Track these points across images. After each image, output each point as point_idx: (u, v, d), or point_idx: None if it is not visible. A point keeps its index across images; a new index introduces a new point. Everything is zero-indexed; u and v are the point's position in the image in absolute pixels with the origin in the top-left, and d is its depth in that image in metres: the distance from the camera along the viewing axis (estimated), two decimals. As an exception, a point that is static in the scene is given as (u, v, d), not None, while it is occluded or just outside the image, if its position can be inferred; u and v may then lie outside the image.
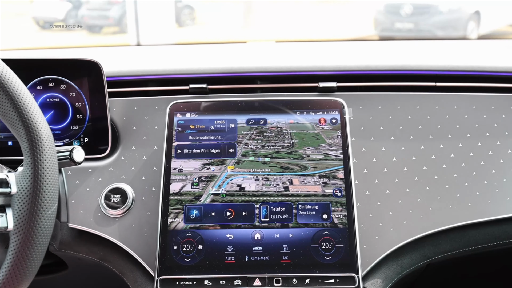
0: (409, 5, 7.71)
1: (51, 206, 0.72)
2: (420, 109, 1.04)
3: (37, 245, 0.71)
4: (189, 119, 1.00)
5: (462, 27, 7.50)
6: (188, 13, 10.04)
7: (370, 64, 1.09)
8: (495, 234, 1.00)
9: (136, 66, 1.11)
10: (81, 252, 0.99)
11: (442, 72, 1.08)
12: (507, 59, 1.13)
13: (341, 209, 0.92)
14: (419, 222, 0.96)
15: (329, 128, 0.98)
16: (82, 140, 1.02)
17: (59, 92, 1.01)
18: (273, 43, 1.68)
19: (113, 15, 9.08)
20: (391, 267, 0.95)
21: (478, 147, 1.02)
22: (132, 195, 0.98)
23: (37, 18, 9.87)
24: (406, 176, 0.99)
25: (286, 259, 0.89)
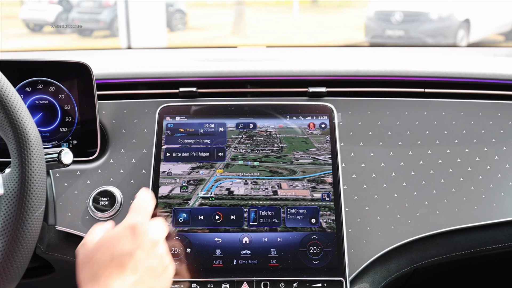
0: (399, 13, 7.76)
1: (38, 208, 0.72)
2: (409, 115, 1.05)
3: (24, 247, 0.71)
4: (178, 122, 1.00)
5: (452, 35, 7.56)
6: (179, 17, 10.04)
7: (360, 70, 1.09)
8: (481, 240, 1.00)
9: (126, 69, 1.11)
10: (69, 255, 0.99)
11: (430, 78, 1.09)
12: (495, 66, 1.14)
13: (330, 214, 0.92)
14: (406, 227, 0.96)
15: (318, 133, 0.99)
16: (70, 142, 1.01)
17: (48, 94, 1.00)
18: (264, 48, 1.69)
19: (104, 18, 9.06)
20: (379, 271, 0.95)
21: (466, 153, 1.03)
22: (121, 198, 0.98)
23: (27, 20, 9.83)
24: (394, 181, 1.00)
25: (274, 263, 0.89)
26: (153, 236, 0.73)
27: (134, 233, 0.71)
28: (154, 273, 0.71)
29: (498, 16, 8.08)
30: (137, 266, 0.69)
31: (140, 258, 0.70)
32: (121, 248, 0.69)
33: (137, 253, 0.69)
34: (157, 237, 0.73)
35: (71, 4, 9.64)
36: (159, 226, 0.75)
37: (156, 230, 0.74)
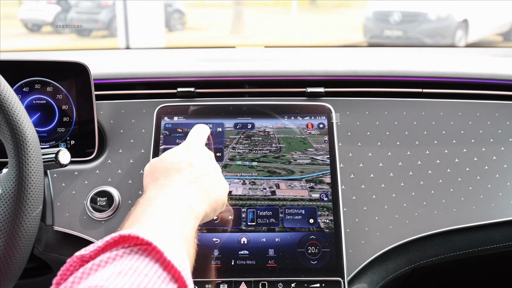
0: (398, 13, 7.77)
1: (35, 208, 0.71)
2: (407, 115, 1.05)
3: (21, 247, 0.70)
4: (176, 122, 1.00)
5: (450, 35, 7.57)
6: (178, 17, 10.04)
7: (358, 70, 1.09)
8: (479, 240, 1.00)
9: (124, 69, 1.11)
10: (66, 255, 0.98)
11: (429, 78, 1.09)
12: (493, 66, 1.14)
13: (328, 214, 0.92)
14: (404, 227, 0.96)
15: (316, 133, 0.99)
16: (68, 142, 1.01)
17: (45, 94, 1.00)
18: (262, 48, 1.69)
19: (103, 18, 9.06)
20: (377, 271, 0.95)
21: (464, 153, 1.03)
22: (119, 198, 0.98)
23: (25, 20, 9.82)
24: (393, 181, 1.00)
25: (272, 263, 0.89)
26: (208, 152, 0.84)
27: (190, 150, 0.82)
28: (210, 179, 0.79)
29: (496, 16, 8.09)
30: (193, 170, 0.78)
31: (196, 165, 0.79)
32: (180, 158, 0.79)
33: (193, 161, 0.79)
34: (211, 154, 0.85)
35: (69, 4, 9.64)
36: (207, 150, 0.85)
37: (208, 150, 0.85)
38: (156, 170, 0.78)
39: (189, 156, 0.80)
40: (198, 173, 0.78)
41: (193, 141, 0.85)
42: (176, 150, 0.82)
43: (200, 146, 0.85)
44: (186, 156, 0.80)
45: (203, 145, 0.86)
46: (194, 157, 0.80)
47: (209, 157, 0.83)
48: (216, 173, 0.82)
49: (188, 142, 0.85)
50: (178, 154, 0.81)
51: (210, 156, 0.84)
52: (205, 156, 0.82)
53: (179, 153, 0.81)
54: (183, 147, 0.83)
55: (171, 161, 0.79)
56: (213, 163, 0.84)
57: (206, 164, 0.81)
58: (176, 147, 0.83)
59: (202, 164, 0.80)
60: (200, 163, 0.80)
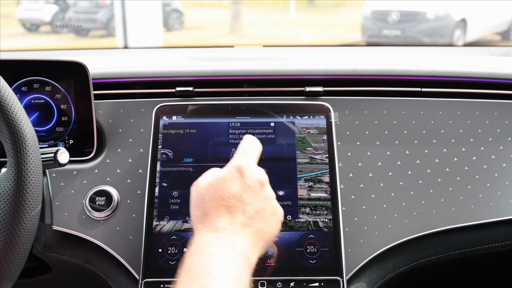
0: (396, 12, 7.77)
1: (34, 207, 0.71)
2: (406, 114, 1.05)
3: (20, 247, 0.71)
4: (175, 122, 1.00)
5: (448, 34, 7.58)
6: (176, 17, 10.03)
7: (357, 69, 1.09)
8: (478, 239, 1.01)
9: (122, 68, 1.11)
10: (65, 254, 0.99)
11: (427, 77, 1.09)
12: (491, 65, 1.14)
13: (326, 213, 0.92)
14: (403, 226, 0.96)
15: (315, 132, 0.99)
16: (67, 142, 1.01)
17: (44, 93, 1.00)
18: (261, 47, 1.69)
19: (101, 18, 9.05)
20: (376, 271, 0.95)
21: (463, 153, 1.03)
22: (117, 197, 0.98)
23: (23, 20, 9.81)
24: (391, 181, 1.00)
25: (271, 262, 0.89)
26: (260, 177, 0.76)
27: (242, 175, 0.74)
28: (263, 215, 0.73)
29: (495, 15, 8.10)
30: (245, 208, 0.72)
31: (249, 201, 0.72)
32: (230, 190, 0.72)
33: (245, 195, 0.72)
34: (263, 178, 0.76)
35: (67, 4, 9.63)
36: (262, 171, 0.78)
37: (262, 172, 0.77)
38: (205, 203, 0.72)
39: (241, 188, 0.73)
40: (251, 211, 0.72)
41: (245, 162, 0.77)
42: (226, 177, 0.74)
43: (253, 169, 0.76)
44: (237, 187, 0.72)
45: (256, 166, 0.78)
46: (247, 188, 0.73)
47: (261, 184, 0.75)
48: (269, 205, 0.75)
49: (239, 162, 0.76)
50: (229, 184, 0.73)
51: (263, 182, 0.75)
52: (258, 184, 0.74)
53: (230, 182, 0.73)
54: (234, 171, 0.74)
55: (221, 195, 0.72)
56: (267, 192, 0.76)
57: (259, 195, 0.74)
58: (226, 171, 0.75)
59: (255, 197, 0.73)
60: (254, 196, 0.73)
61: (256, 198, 0.73)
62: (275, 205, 0.76)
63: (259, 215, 0.72)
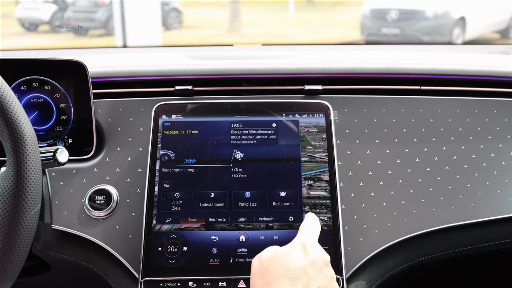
0: (395, 11, 7.77)
1: (34, 206, 0.71)
2: (405, 113, 1.05)
3: (20, 246, 0.70)
4: (174, 120, 1.00)
5: (447, 33, 7.57)
6: (175, 16, 10.02)
7: (356, 67, 1.09)
8: (477, 237, 1.01)
9: (121, 67, 1.10)
10: (65, 253, 0.99)
11: (426, 76, 1.09)
12: (490, 63, 1.14)
13: (326, 211, 0.92)
14: (403, 225, 0.96)
15: (314, 131, 0.99)
16: (66, 141, 1.01)
17: (43, 92, 1.00)
18: (260, 46, 1.69)
19: (99, 17, 9.04)
20: (375, 269, 0.96)
21: (462, 151, 1.03)
22: (117, 196, 0.98)
23: (22, 19, 9.80)
24: (391, 179, 1.00)
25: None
26: (324, 255, 0.76)
27: (306, 250, 0.75)
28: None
29: (494, 14, 8.10)
30: (309, 282, 0.71)
31: (312, 275, 0.72)
32: (295, 263, 0.72)
33: (309, 270, 0.72)
34: (327, 257, 0.77)
35: (66, 3, 9.62)
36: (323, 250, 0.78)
37: (324, 251, 0.78)
38: (268, 273, 0.72)
39: (306, 262, 0.73)
40: (313, 284, 0.71)
41: (310, 239, 0.78)
42: (290, 250, 0.75)
43: (317, 247, 0.77)
44: (302, 261, 0.73)
45: (319, 245, 0.78)
46: (311, 264, 0.73)
47: (326, 263, 0.75)
48: (330, 283, 0.75)
49: (304, 239, 0.77)
50: (294, 257, 0.73)
51: (327, 262, 0.76)
52: (322, 263, 0.75)
53: (295, 255, 0.74)
54: (299, 246, 0.75)
55: (286, 266, 0.72)
56: (330, 272, 0.76)
57: (323, 273, 0.74)
58: (290, 245, 0.76)
59: (319, 274, 0.73)
60: (317, 272, 0.73)
61: (320, 275, 0.73)
62: (335, 285, 0.76)
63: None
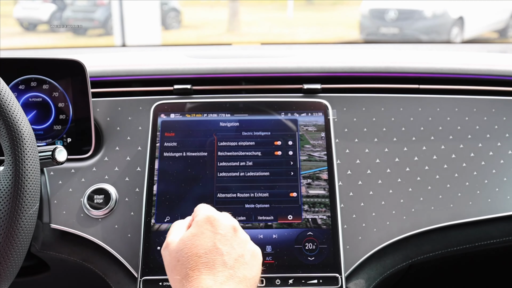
0: (394, 10, 7.78)
1: (32, 205, 0.71)
2: (404, 111, 1.05)
3: (18, 245, 0.70)
4: (173, 119, 1.00)
5: (446, 32, 7.58)
6: (174, 15, 10.02)
7: (355, 66, 1.09)
8: (476, 235, 1.01)
9: (120, 66, 1.10)
10: (64, 253, 0.99)
11: (425, 74, 1.10)
12: (489, 62, 1.14)
13: (325, 210, 0.92)
14: (402, 223, 0.97)
15: (313, 130, 0.99)
16: (65, 140, 1.01)
17: (42, 92, 1.00)
18: (258, 45, 1.69)
19: (98, 17, 9.04)
20: (374, 267, 0.96)
21: (460, 149, 1.03)
22: (116, 195, 0.98)
23: (21, 19, 9.79)
24: (389, 178, 1.00)
25: (269, 259, 0.89)
26: (231, 223, 0.74)
27: (212, 224, 0.73)
28: (243, 261, 0.71)
29: (492, 13, 8.10)
30: (225, 259, 0.69)
31: (226, 250, 0.70)
32: (204, 244, 0.70)
33: (221, 246, 0.70)
34: (234, 223, 0.75)
35: (65, 3, 9.61)
36: (229, 215, 0.77)
37: (230, 217, 0.76)
38: (182, 264, 0.70)
39: (216, 239, 0.71)
40: (231, 260, 0.69)
41: (211, 211, 0.76)
42: (198, 231, 0.72)
43: (222, 217, 0.75)
44: (210, 239, 0.71)
45: (222, 213, 0.77)
46: (222, 238, 0.71)
47: (235, 230, 0.74)
48: (247, 249, 0.73)
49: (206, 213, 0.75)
50: (202, 238, 0.71)
51: (235, 228, 0.74)
52: (231, 231, 0.73)
53: (203, 236, 0.71)
54: (204, 222, 0.73)
55: (197, 253, 0.69)
56: (242, 237, 0.74)
57: (235, 242, 0.72)
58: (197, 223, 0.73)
59: (232, 245, 0.71)
60: (230, 245, 0.71)
61: (233, 245, 0.71)
62: (252, 247, 0.75)
63: (239, 262, 0.70)
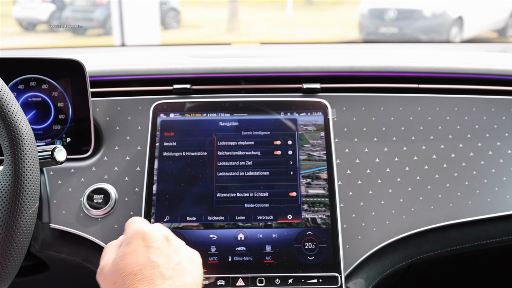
0: (393, 10, 7.78)
1: (32, 205, 0.71)
2: (403, 111, 1.05)
3: (17, 245, 0.70)
4: (172, 119, 1.00)
5: (445, 32, 7.58)
6: (173, 15, 10.02)
7: (354, 66, 1.09)
8: (475, 235, 1.01)
9: (119, 66, 1.10)
10: (63, 253, 0.99)
11: (424, 74, 1.10)
12: (488, 61, 1.14)
13: (324, 210, 0.92)
14: (401, 223, 0.97)
15: (312, 129, 0.99)
16: (64, 140, 1.01)
17: (41, 91, 1.00)
18: (258, 45, 1.69)
19: (98, 17, 9.04)
20: (374, 267, 0.96)
21: (460, 149, 1.03)
22: (115, 195, 0.98)
23: (20, 19, 9.78)
24: (389, 177, 1.00)
25: (269, 259, 0.89)
26: (162, 232, 0.73)
27: (143, 238, 0.71)
28: (181, 268, 0.70)
29: (491, 13, 8.11)
30: (161, 271, 0.67)
31: (161, 261, 0.69)
32: (138, 261, 0.68)
33: (155, 258, 0.68)
34: (166, 232, 0.74)
35: (64, 3, 9.61)
36: (161, 225, 0.76)
37: (161, 227, 0.75)
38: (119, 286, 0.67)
39: (148, 252, 0.69)
40: (168, 271, 0.68)
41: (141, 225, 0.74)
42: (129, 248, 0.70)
43: (152, 228, 0.73)
44: (143, 254, 0.69)
45: (152, 224, 0.75)
46: (155, 250, 0.69)
47: (167, 239, 0.72)
48: (183, 256, 0.72)
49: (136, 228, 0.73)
50: (134, 254, 0.69)
51: (167, 237, 0.73)
52: (163, 241, 0.72)
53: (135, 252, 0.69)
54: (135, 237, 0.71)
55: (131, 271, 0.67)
56: (175, 244, 0.73)
57: (170, 251, 0.71)
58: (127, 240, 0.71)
59: (167, 255, 0.70)
60: (164, 255, 0.69)
61: (168, 255, 0.70)
62: (188, 252, 0.74)
63: (177, 270, 0.69)
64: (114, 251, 0.74)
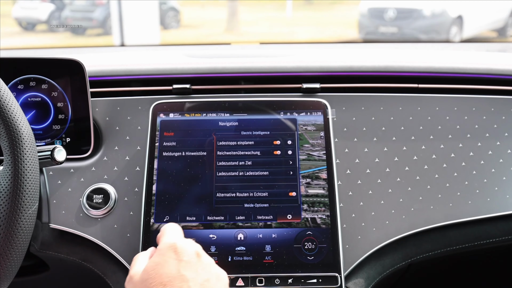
0: (393, 10, 7.78)
1: (31, 205, 0.71)
2: (403, 111, 1.05)
3: (17, 245, 0.70)
4: (172, 119, 1.00)
5: (445, 31, 7.59)
6: (173, 15, 10.02)
7: (354, 65, 1.09)
8: (475, 234, 1.01)
9: (119, 66, 1.10)
10: (63, 252, 0.99)
11: (424, 73, 1.10)
12: (488, 61, 1.14)
13: (324, 210, 0.92)
14: (401, 223, 0.97)
15: (312, 129, 0.99)
16: (64, 140, 1.01)
17: (40, 91, 1.00)
18: (257, 45, 1.69)
19: (97, 16, 9.04)
20: (373, 267, 0.96)
21: (460, 148, 1.03)
22: (115, 195, 0.98)
23: (19, 19, 9.78)
24: (389, 177, 1.00)
25: (269, 259, 0.89)
26: (194, 248, 0.74)
27: (176, 251, 0.71)
28: (209, 285, 0.70)
29: (491, 12, 8.11)
30: (190, 285, 0.68)
31: (191, 276, 0.69)
32: (169, 272, 0.69)
33: (185, 272, 0.69)
34: (197, 248, 0.74)
35: (63, 3, 9.61)
36: (193, 241, 0.76)
37: (193, 242, 0.75)
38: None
39: (180, 266, 0.70)
40: (197, 286, 0.68)
41: (174, 238, 0.76)
42: (161, 259, 0.71)
43: (185, 243, 0.74)
44: (174, 267, 0.69)
45: (186, 239, 0.76)
46: (186, 265, 0.70)
47: (198, 255, 0.73)
48: (212, 273, 0.72)
49: (168, 240, 0.74)
50: (165, 266, 0.70)
51: (199, 253, 0.73)
52: (195, 256, 0.72)
53: (166, 264, 0.70)
54: (167, 250, 0.72)
55: (161, 282, 0.67)
56: (206, 261, 0.73)
57: (200, 267, 0.71)
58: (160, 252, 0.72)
59: (196, 270, 0.70)
60: (194, 270, 0.70)
61: (198, 270, 0.70)
62: (217, 271, 0.74)
63: (205, 286, 0.69)
64: (144, 261, 0.75)
